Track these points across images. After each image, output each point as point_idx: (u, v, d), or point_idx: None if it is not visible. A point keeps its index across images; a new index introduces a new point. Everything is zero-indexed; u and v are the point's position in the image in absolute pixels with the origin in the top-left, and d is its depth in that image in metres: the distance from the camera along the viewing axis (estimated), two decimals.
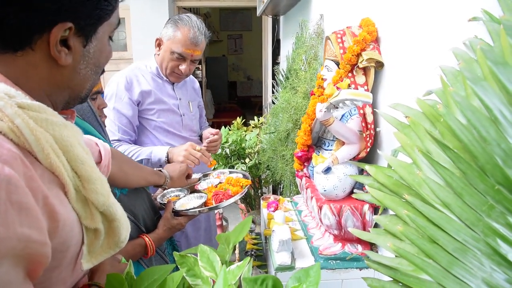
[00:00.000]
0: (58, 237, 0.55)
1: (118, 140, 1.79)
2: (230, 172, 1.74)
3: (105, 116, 1.41)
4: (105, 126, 1.36)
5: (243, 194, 1.51)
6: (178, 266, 0.72)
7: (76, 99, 0.70)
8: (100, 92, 1.34)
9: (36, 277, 0.52)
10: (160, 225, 1.31)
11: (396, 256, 0.65)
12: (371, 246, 1.35)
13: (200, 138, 2.10)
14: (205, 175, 1.73)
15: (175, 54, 1.77)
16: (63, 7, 0.56)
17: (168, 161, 1.74)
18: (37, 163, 0.55)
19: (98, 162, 0.98)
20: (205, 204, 1.43)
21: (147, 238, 1.23)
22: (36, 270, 0.52)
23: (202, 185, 1.58)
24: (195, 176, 1.66)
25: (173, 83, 1.92)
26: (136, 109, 1.82)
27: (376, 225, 1.30)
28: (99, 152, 0.97)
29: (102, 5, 0.62)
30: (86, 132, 1.27)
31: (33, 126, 0.54)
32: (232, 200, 1.43)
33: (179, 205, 1.42)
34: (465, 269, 0.53)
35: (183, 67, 1.80)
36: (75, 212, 0.61)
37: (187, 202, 1.45)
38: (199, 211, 1.38)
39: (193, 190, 1.57)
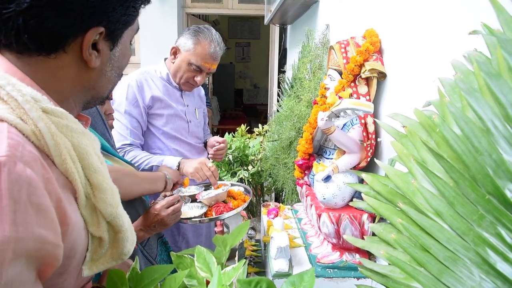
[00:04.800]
0: (66, 241, 0.56)
1: (130, 145, 1.78)
2: (232, 185, 1.76)
3: (112, 119, 1.42)
4: (112, 129, 1.38)
5: (243, 208, 1.54)
6: (176, 267, 0.73)
7: (98, 100, 0.72)
8: (110, 99, 1.36)
9: (44, 278, 0.53)
10: (144, 216, 1.27)
11: (389, 263, 0.65)
12: (369, 255, 1.35)
13: (205, 145, 2.11)
14: (207, 187, 1.75)
15: (192, 66, 1.79)
16: (97, 12, 0.58)
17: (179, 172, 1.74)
18: (53, 166, 0.57)
19: None
20: (205, 214, 1.46)
21: None
22: (45, 272, 0.53)
23: (202, 195, 1.60)
24: (196, 187, 1.69)
25: (181, 90, 1.94)
26: (145, 113, 1.83)
27: (374, 235, 1.30)
28: None
29: (130, 11, 0.64)
30: None
31: (54, 131, 0.55)
32: (232, 213, 1.46)
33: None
34: (455, 278, 0.53)
35: (198, 78, 1.83)
36: (83, 218, 0.62)
37: (188, 211, 1.48)
38: (199, 220, 1.42)
39: (193, 200, 1.60)
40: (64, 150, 0.57)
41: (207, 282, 0.68)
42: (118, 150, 1.73)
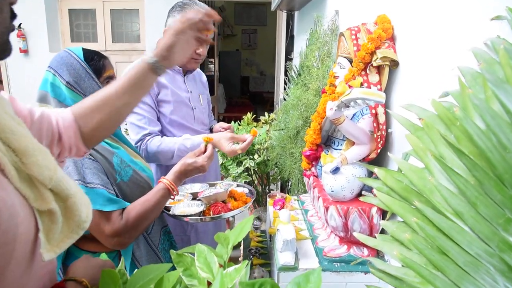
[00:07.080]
0: None
1: (149, 134, 1.74)
2: (238, 186, 1.73)
3: None
4: None
5: (243, 210, 1.51)
6: (175, 266, 0.70)
7: None
8: (112, 78, 1.32)
9: None
10: (179, 162, 1.34)
11: (402, 265, 0.61)
12: (378, 250, 1.31)
13: (211, 131, 2.08)
14: (212, 185, 1.72)
15: None
16: None
17: None
18: None
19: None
20: (203, 213, 1.46)
21: (165, 180, 1.25)
22: None
23: (204, 193, 1.57)
24: (200, 185, 1.67)
25: (184, 75, 1.90)
26: (155, 100, 1.80)
27: (383, 229, 1.26)
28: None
29: None
30: None
31: None
32: (230, 213, 1.46)
33: (178, 211, 1.46)
34: (476, 285, 0.49)
35: (200, 50, 1.78)
36: (21, 194, 0.53)
37: (187, 208, 1.47)
38: (200, 219, 1.42)
39: (194, 198, 1.58)
40: None
41: (209, 282, 0.64)
42: (138, 142, 1.72)
